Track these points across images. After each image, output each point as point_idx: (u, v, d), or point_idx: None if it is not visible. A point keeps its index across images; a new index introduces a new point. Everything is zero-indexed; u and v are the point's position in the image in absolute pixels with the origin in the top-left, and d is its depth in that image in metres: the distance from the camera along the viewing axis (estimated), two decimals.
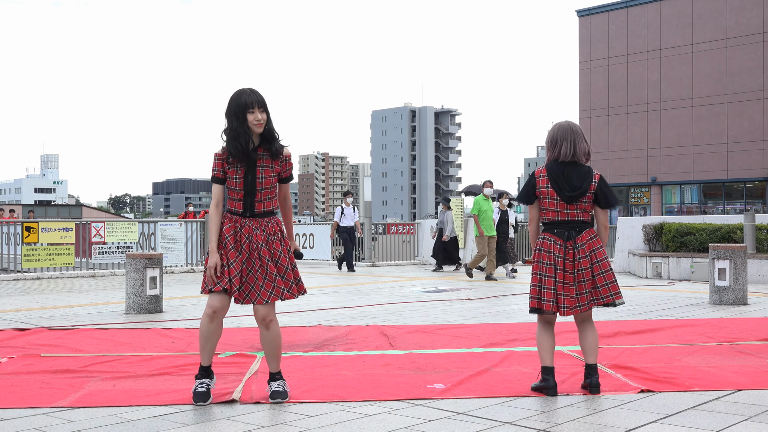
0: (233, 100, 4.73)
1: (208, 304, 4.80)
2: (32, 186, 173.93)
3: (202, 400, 4.71)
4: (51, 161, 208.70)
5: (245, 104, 4.68)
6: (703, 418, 4.40)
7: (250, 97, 4.70)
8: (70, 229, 16.84)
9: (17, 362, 6.09)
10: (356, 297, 11.78)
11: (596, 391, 4.97)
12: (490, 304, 10.71)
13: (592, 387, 5.00)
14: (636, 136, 49.94)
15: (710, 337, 7.35)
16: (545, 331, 5.10)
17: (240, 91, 4.76)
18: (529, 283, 5.14)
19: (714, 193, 48.25)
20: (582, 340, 5.11)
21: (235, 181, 4.76)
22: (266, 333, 4.84)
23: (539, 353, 5.07)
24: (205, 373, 4.83)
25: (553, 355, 5.04)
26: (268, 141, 4.79)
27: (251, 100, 4.69)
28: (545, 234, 5.10)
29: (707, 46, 47.10)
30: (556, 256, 5.01)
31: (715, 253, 10.62)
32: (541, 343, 5.07)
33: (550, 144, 5.14)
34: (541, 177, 5.05)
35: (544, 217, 5.09)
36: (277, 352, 4.88)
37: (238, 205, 4.79)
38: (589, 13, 52.67)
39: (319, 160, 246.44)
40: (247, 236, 4.76)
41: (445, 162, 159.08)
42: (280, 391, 4.80)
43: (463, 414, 4.50)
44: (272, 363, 4.90)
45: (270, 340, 4.85)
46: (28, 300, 11.42)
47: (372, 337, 7.44)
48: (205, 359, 4.84)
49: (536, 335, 5.14)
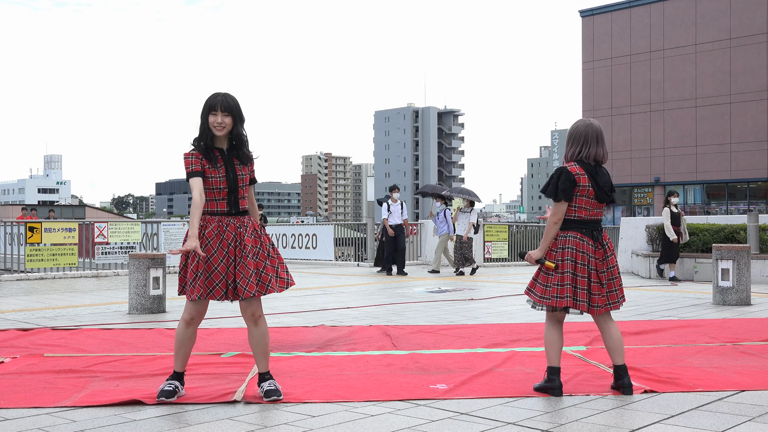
0: (205, 101, 4.85)
1: (187, 310, 4.83)
2: (35, 186, 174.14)
3: (165, 396, 4.73)
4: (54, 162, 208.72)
5: (210, 105, 4.80)
6: (706, 418, 4.40)
7: (216, 98, 4.80)
8: (73, 230, 16.86)
9: (21, 362, 6.10)
10: (359, 297, 11.78)
11: (629, 392, 4.96)
12: (493, 304, 10.70)
13: (625, 388, 4.98)
14: (639, 136, 49.89)
15: (713, 338, 7.34)
16: (556, 330, 5.05)
17: (214, 93, 4.87)
18: (548, 283, 4.99)
19: (717, 194, 48.17)
20: (609, 339, 5.07)
21: (218, 179, 4.80)
22: (255, 330, 4.87)
23: (547, 353, 5.03)
24: (177, 378, 4.86)
25: (560, 355, 5.03)
26: (236, 147, 4.88)
27: (216, 102, 4.78)
28: (574, 233, 4.99)
29: (710, 46, 47.04)
30: (589, 255, 4.98)
31: (718, 254, 10.61)
32: (551, 343, 5.02)
33: (580, 142, 5.05)
34: (580, 175, 4.96)
35: (575, 215, 4.99)
36: (266, 350, 4.91)
37: (222, 204, 4.81)
38: (592, 14, 52.63)
39: (322, 161, 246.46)
40: (234, 234, 4.78)
41: (448, 162, 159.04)
42: (273, 389, 4.81)
43: (466, 414, 4.50)
44: (262, 362, 4.91)
45: (259, 337, 4.88)
46: (32, 300, 11.43)
47: (375, 337, 7.44)
48: (179, 365, 4.87)
49: (545, 334, 5.07)
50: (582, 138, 5.07)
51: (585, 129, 5.10)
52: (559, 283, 4.96)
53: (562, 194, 4.94)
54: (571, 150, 5.10)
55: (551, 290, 4.97)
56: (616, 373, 5.04)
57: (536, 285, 5.09)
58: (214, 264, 4.72)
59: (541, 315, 9.29)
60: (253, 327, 4.87)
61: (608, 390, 5.07)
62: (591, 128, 5.10)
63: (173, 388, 4.80)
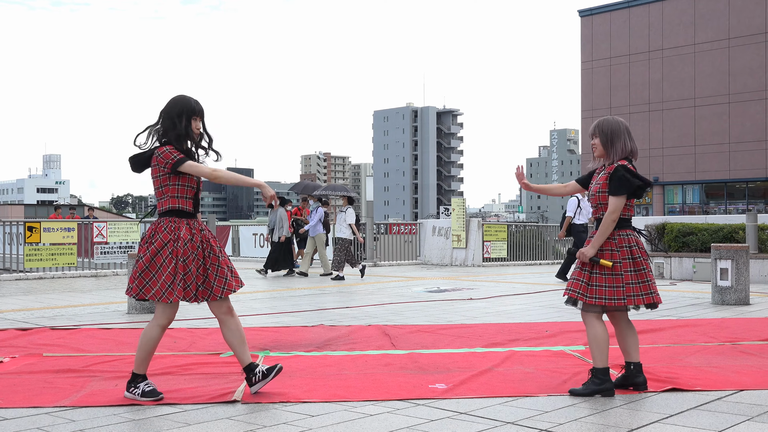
0: (182, 102, 4.89)
1: (165, 315, 4.84)
2: (34, 186, 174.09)
3: (156, 396, 4.75)
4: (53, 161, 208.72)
5: (192, 111, 4.90)
6: (705, 418, 4.40)
7: (198, 106, 4.94)
8: (72, 229, 16.86)
9: (20, 362, 6.10)
10: (358, 297, 11.78)
11: (644, 388, 5.00)
12: (492, 304, 10.70)
13: (641, 386, 5.01)
14: (638, 136, 49.86)
15: (712, 337, 7.34)
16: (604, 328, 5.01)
17: (187, 96, 4.95)
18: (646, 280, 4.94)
19: (716, 194, 48.23)
20: (632, 335, 5.09)
21: (194, 179, 4.88)
22: (232, 320, 4.93)
23: (602, 353, 4.92)
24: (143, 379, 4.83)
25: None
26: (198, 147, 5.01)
27: (199, 109, 4.93)
28: (630, 231, 4.99)
29: (709, 46, 47.08)
30: (644, 250, 5.02)
31: (717, 253, 10.61)
32: (606, 341, 4.96)
33: (623, 138, 5.02)
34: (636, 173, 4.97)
35: (627, 214, 4.98)
36: (245, 338, 4.98)
37: (189, 204, 4.87)
38: (591, 13, 52.66)
39: (321, 160, 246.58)
40: (200, 236, 4.85)
41: (447, 162, 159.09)
42: (271, 366, 4.92)
43: (465, 414, 4.50)
44: (246, 352, 4.94)
45: (236, 326, 4.94)
46: (31, 300, 11.43)
47: (374, 336, 7.44)
48: (144, 368, 4.85)
49: (599, 334, 4.93)
50: (623, 133, 5.05)
51: (620, 124, 5.08)
52: (640, 281, 4.94)
53: (635, 192, 4.92)
54: (622, 147, 5.02)
55: (618, 291, 4.91)
56: (635, 370, 5.05)
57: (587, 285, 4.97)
58: (189, 266, 4.77)
59: (539, 315, 9.29)
60: (230, 320, 4.92)
61: (620, 390, 5.05)
62: (624, 123, 5.13)
63: (153, 386, 4.82)
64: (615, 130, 5.08)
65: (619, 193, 4.92)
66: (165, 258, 4.74)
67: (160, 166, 4.79)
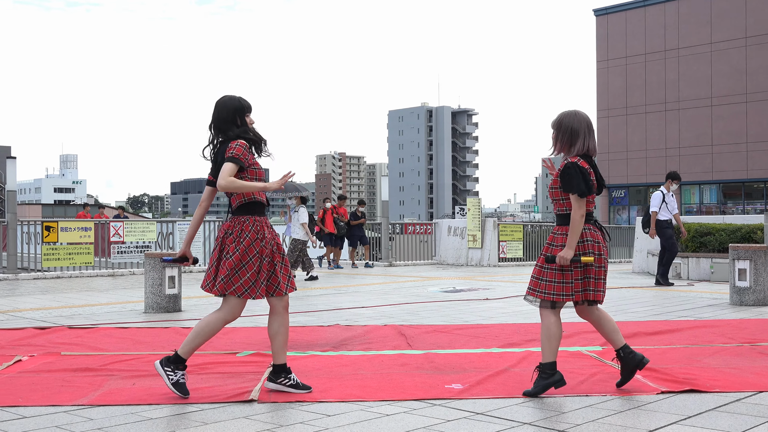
0: (239, 102, 4.99)
1: (234, 311, 4.90)
2: (52, 186, 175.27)
3: (183, 393, 4.79)
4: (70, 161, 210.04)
5: (246, 107, 5.02)
6: (724, 419, 4.37)
7: (247, 102, 5.06)
8: (89, 229, 16.96)
9: (38, 360, 6.13)
10: (374, 297, 11.78)
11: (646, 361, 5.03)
12: (508, 304, 10.67)
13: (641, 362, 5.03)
14: (654, 135, 49.64)
15: (731, 338, 7.29)
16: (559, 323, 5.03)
17: (237, 97, 5.04)
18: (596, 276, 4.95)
19: (734, 193, 47.87)
20: (607, 322, 5.09)
21: (262, 171, 4.98)
22: (286, 316, 5.03)
23: (552, 348, 4.95)
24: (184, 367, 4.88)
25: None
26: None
27: (249, 105, 5.05)
28: (588, 225, 4.99)
29: (726, 45, 46.74)
30: (602, 246, 5.02)
31: (735, 254, 10.54)
32: (558, 337, 4.99)
33: (580, 135, 5.01)
34: (588, 169, 4.95)
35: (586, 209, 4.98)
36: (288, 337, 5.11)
37: (263, 195, 5.00)
38: (607, 13, 52.41)
39: (336, 160, 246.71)
40: (272, 235, 4.98)
41: (462, 162, 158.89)
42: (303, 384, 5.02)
43: (481, 414, 4.49)
44: (284, 351, 5.03)
45: (287, 323, 5.05)
46: (49, 299, 11.50)
47: (390, 336, 7.44)
48: (189, 354, 4.90)
49: (553, 329, 4.96)
50: (580, 130, 5.03)
51: (580, 121, 5.05)
52: (599, 278, 4.96)
53: (588, 189, 4.90)
54: (577, 144, 5.01)
55: (575, 285, 4.93)
56: (626, 352, 5.03)
57: (548, 283, 4.97)
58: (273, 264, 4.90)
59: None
60: (285, 315, 5.01)
61: (625, 390, 5.04)
62: (585, 119, 5.07)
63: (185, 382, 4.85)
64: (564, 128, 5.06)
65: (569, 191, 4.92)
66: (252, 257, 4.82)
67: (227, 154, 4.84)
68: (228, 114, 4.94)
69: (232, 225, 4.87)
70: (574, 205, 4.91)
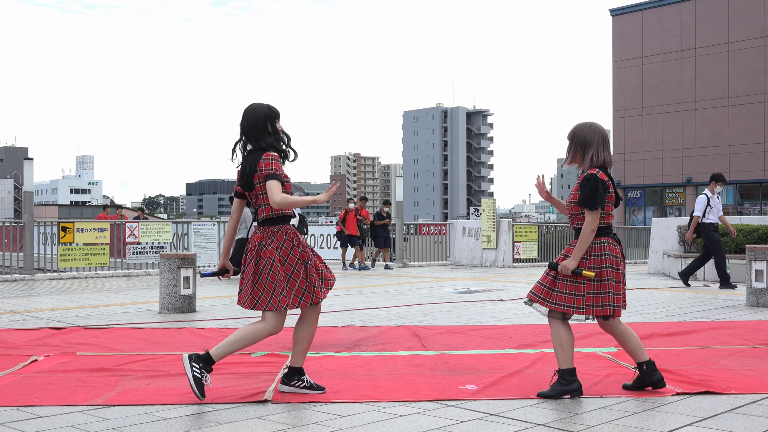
0: (268, 108, 4.97)
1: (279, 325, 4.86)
2: (68, 187, 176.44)
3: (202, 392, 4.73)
4: (86, 162, 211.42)
5: (276, 114, 5.00)
6: (739, 421, 4.34)
7: (275, 108, 5.03)
8: (105, 230, 17.05)
9: (54, 360, 6.17)
10: (388, 297, 11.78)
11: (662, 385, 5.00)
12: (523, 305, 10.63)
13: (659, 383, 5.01)
14: (671, 136, 49.39)
15: (747, 340, 7.24)
16: (569, 330, 5.02)
17: (260, 103, 5.01)
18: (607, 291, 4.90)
19: (751, 194, 47.56)
20: (631, 337, 5.07)
21: (289, 184, 4.92)
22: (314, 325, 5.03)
23: (566, 355, 4.95)
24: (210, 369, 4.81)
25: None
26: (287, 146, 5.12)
27: (277, 111, 5.02)
28: (609, 239, 4.97)
29: (743, 44, 46.45)
30: (621, 261, 5.00)
31: (752, 255, 10.47)
32: (571, 344, 4.99)
33: (596, 147, 4.98)
34: (607, 181, 4.93)
35: (603, 222, 4.95)
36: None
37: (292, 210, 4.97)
38: (623, 12, 52.20)
39: (350, 161, 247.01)
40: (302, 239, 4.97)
41: (477, 162, 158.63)
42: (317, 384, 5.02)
43: (495, 415, 4.48)
44: (304, 355, 5.03)
45: (313, 329, 5.04)
46: (64, 299, 11.57)
47: (404, 337, 7.43)
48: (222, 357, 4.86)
49: (563, 337, 4.97)
50: (596, 142, 5.01)
51: (594, 132, 5.03)
52: (615, 292, 4.92)
53: (601, 203, 4.87)
54: (589, 154, 4.99)
55: (586, 299, 4.90)
56: (648, 369, 5.01)
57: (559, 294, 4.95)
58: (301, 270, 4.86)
59: None
60: (315, 323, 5.02)
61: (640, 392, 5.01)
62: (599, 131, 5.06)
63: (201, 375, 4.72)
64: (581, 140, 5.03)
65: (587, 206, 4.88)
66: (296, 266, 4.80)
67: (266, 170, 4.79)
68: (258, 120, 4.89)
69: (264, 236, 4.83)
70: (587, 218, 4.89)
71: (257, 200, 4.85)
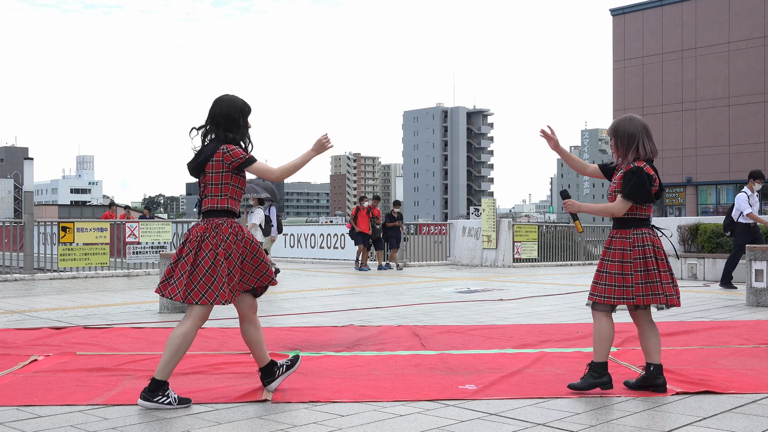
0: (238, 102, 4.92)
1: (203, 317, 4.76)
2: (68, 186, 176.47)
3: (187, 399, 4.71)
4: (86, 162, 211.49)
5: (249, 110, 4.98)
6: (739, 421, 4.34)
7: (248, 104, 4.99)
8: (105, 229, 17.04)
9: (53, 360, 6.17)
10: (388, 297, 11.78)
11: (664, 390, 4.99)
12: (523, 305, 10.65)
13: (660, 387, 5.00)
14: (671, 135, 49.39)
15: (747, 339, 7.24)
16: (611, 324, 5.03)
17: (235, 96, 4.97)
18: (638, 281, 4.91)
19: None
20: (653, 336, 5.09)
21: (245, 181, 4.93)
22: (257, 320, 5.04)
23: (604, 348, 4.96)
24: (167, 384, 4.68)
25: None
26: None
27: (250, 107, 4.99)
28: (646, 230, 4.97)
29: (744, 44, 46.45)
30: (662, 251, 5.01)
31: (752, 254, 10.47)
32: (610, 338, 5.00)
33: (630, 138, 4.99)
34: (653, 176, 4.96)
35: (645, 214, 4.98)
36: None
37: (238, 206, 4.91)
38: (623, 12, 52.21)
39: (350, 161, 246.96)
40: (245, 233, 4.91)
41: (477, 162, 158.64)
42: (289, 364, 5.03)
43: (495, 415, 4.48)
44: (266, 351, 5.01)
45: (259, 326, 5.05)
46: (64, 299, 11.57)
47: (404, 337, 7.43)
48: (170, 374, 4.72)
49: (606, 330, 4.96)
50: (637, 134, 5.02)
51: (636, 125, 5.04)
52: (634, 283, 4.92)
53: (647, 198, 4.89)
54: (634, 146, 4.99)
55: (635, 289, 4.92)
56: (655, 371, 5.01)
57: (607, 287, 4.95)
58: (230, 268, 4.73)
59: (570, 316, 9.23)
60: (256, 318, 5.01)
61: (640, 391, 5.01)
62: (641, 123, 5.08)
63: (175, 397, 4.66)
64: (631, 132, 5.04)
65: (632, 199, 4.90)
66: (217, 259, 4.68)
67: (226, 163, 4.73)
68: (234, 111, 4.85)
69: (207, 228, 4.73)
70: (618, 203, 4.92)
71: (205, 189, 4.81)
